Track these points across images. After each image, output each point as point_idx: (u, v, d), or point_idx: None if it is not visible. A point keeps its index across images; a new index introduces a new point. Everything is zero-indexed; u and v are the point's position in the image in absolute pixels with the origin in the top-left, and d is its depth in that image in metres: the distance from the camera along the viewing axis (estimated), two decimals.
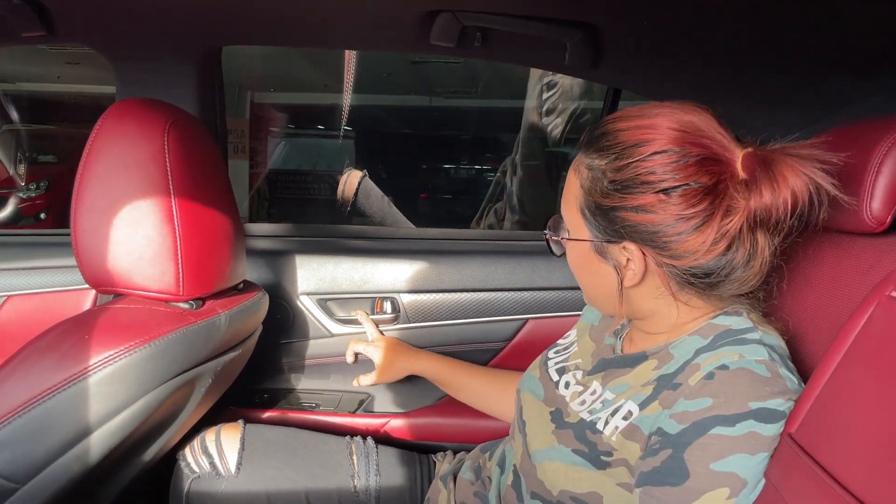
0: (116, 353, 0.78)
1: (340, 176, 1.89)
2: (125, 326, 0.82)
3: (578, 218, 0.76)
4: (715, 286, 0.71)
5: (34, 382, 0.76)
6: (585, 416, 0.77)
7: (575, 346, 0.92)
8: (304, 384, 1.37)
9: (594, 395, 0.79)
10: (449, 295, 1.34)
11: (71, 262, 1.18)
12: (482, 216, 2.42)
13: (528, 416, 0.87)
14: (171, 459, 1.04)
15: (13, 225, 4.63)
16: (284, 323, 1.34)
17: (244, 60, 4.78)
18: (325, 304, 1.34)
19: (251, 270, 1.32)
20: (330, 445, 1.10)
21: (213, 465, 1.01)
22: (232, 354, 0.99)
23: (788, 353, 0.71)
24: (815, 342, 0.78)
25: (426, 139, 6.49)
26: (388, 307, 1.34)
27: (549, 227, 0.84)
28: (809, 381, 0.66)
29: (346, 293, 1.34)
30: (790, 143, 0.68)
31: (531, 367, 0.96)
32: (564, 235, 0.80)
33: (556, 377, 0.88)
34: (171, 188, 0.85)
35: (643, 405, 0.71)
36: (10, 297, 1.30)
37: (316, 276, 1.33)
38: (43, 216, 4.79)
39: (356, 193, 1.85)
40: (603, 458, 0.72)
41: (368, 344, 1.24)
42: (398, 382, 1.25)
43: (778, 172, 0.65)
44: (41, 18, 1.06)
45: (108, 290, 0.87)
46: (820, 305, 0.79)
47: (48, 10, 1.06)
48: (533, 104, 2.14)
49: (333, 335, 1.34)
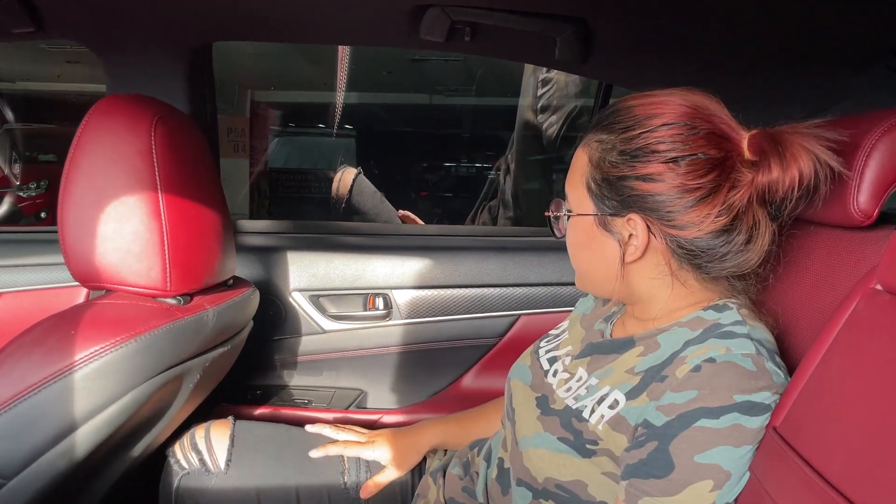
0: (103, 347, 0.78)
1: (335, 174, 1.90)
2: (112, 321, 0.82)
3: (583, 193, 0.76)
4: (714, 265, 0.71)
5: (20, 377, 0.76)
6: (571, 402, 0.77)
7: (566, 334, 0.92)
8: (296, 381, 1.37)
9: (580, 381, 0.79)
10: (441, 291, 1.34)
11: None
12: (476, 214, 2.42)
13: (516, 402, 0.87)
14: (161, 456, 1.04)
15: (13, 224, 4.64)
16: (276, 319, 1.34)
17: (244, 59, 4.79)
18: (317, 300, 1.34)
19: (243, 267, 1.32)
20: (320, 441, 1.09)
21: (202, 461, 1.01)
22: (221, 350, 0.99)
23: (777, 348, 0.71)
24: (803, 336, 0.78)
25: (426, 137, 6.49)
26: (380, 303, 1.34)
27: (550, 208, 0.84)
28: (795, 374, 0.66)
29: (338, 289, 1.34)
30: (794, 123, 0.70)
31: (522, 355, 0.96)
32: (568, 212, 0.80)
33: (546, 366, 0.88)
34: (158, 184, 0.85)
35: (630, 395, 0.71)
36: (2, 293, 1.30)
37: (308, 272, 1.33)
38: (43, 215, 4.81)
39: (350, 191, 1.85)
40: (588, 446, 0.72)
41: (363, 446, 1.06)
42: (390, 378, 1.25)
43: (787, 148, 0.67)
44: (30, 15, 1.06)
45: (95, 285, 0.87)
46: (809, 300, 0.79)
47: (37, 6, 1.06)
48: (527, 102, 2.13)
49: (326, 332, 1.34)
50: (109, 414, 0.81)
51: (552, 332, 0.97)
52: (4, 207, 4.43)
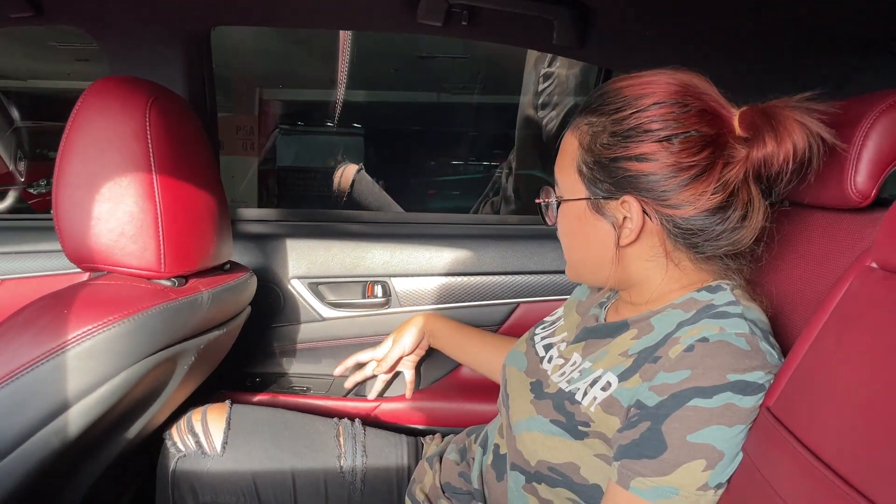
0: (95, 327, 0.78)
1: (336, 170, 1.91)
2: (105, 301, 0.82)
3: (575, 178, 0.75)
4: (710, 243, 0.71)
5: (10, 357, 0.75)
6: (564, 385, 0.77)
7: (562, 321, 0.92)
8: (295, 368, 1.37)
9: (573, 365, 0.78)
10: (440, 279, 1.34)
11: None
12: (479, 209, 2.42)
13: (511, 388, 0.87)
14: (158, 439, 1.04)
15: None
16: (275, 307, 1.34)
17: (252, 57, 4.80)
18: (315, 288, 1.34)
19: (242, 254, 1.32)
20: (317, 426, 1.09)
21: (198, 444, 1.01)
22: (216, 333, 0.99)
23: (771, 328, 0.70)
24: (799, 318, 0.77)
25: (435, 135, 6.48)
26: (379, 291, 1.34)
27: (541, 196, 0.83)
28: (789, 354, 0.65)
29: (337, 277, 1.33)
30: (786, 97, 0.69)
31: (518, 342, 0.96)
32: (559, 198, 0.79)
33: (542, 353, 0.87)
34: (152, 165, 0.85)
35: (623, 377, 0.70)
36: (4, 280, 1.31)
37: (307, 260, 1.33)
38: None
39: (352, 185, 1.86)
40: (580, 428, 0.72)
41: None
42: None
43: (779, 122, 0.66)
44: (29, 0, 1.06)
45: (90, 266, 0.87)
46: (805, 282, 0.78)
47: None
48: (528, 98, 2.13)
49: (324, 319, 1.34)
50: (102, 393, 0.81)
51: (547, 318, 0.97)
52: (10, 201, 4.47)
